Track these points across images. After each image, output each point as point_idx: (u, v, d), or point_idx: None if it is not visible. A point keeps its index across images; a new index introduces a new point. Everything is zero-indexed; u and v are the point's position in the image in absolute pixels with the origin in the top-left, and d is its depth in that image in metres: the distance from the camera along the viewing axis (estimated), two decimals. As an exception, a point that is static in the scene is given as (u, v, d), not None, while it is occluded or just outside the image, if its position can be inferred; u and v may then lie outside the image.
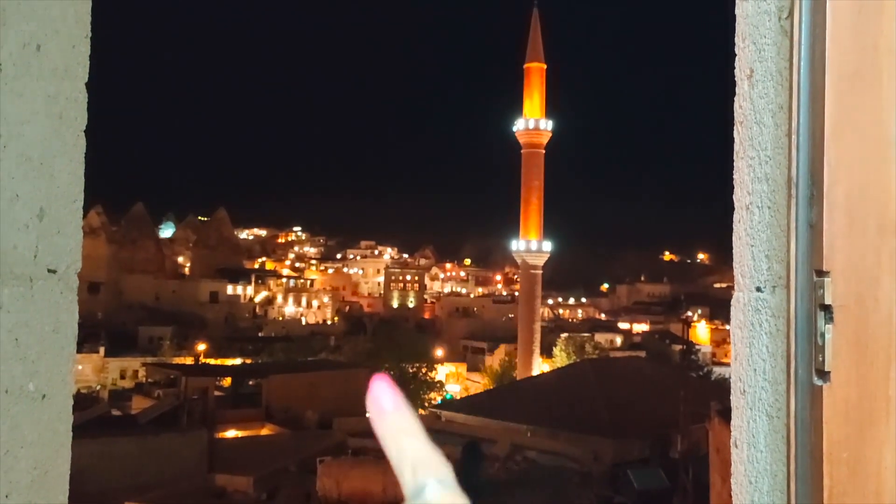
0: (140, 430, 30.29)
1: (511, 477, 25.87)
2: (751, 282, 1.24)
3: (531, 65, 64.33)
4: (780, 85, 1.20)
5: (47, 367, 1.34)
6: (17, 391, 1.29)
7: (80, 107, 1.41)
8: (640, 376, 38.52)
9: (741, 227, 1.27)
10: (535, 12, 63.51)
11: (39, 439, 1.33)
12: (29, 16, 1.30)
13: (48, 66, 1.33)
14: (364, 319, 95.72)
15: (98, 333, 71.44)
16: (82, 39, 1.41)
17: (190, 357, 65.89)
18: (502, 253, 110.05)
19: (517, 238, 64.39)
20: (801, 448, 1.08)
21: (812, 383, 1.06)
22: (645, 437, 28.03)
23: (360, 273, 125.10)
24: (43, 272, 1.33)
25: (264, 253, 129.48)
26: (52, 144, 1.35)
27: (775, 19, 1.20)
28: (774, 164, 1.21)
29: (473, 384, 67.61)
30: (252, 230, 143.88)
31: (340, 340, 78.20)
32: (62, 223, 1.38)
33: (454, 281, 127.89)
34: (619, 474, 25.40)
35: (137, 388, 51.85)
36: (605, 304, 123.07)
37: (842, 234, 1.04)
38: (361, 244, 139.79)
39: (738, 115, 1.30)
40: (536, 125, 63.56)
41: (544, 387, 39.64)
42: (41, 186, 1.33)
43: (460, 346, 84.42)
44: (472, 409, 37.33)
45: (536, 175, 63.93)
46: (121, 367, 68.93)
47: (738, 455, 1.26)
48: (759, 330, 1.21)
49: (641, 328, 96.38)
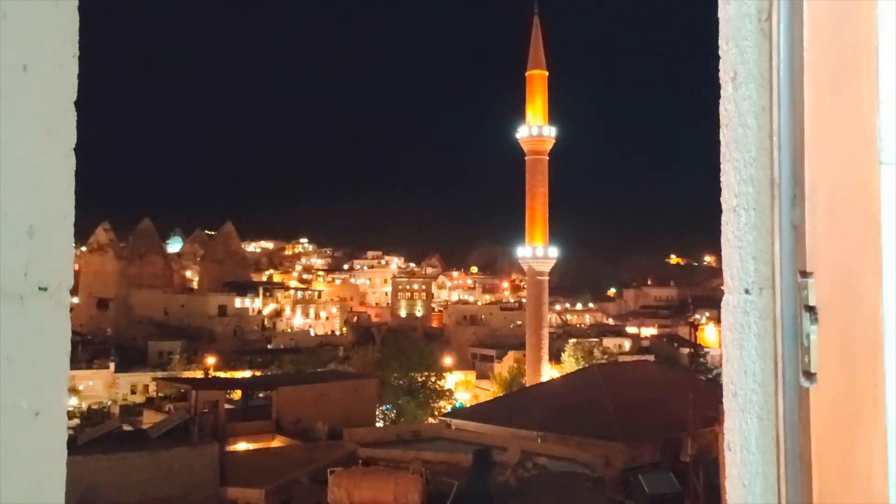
0: (151, 444, 30.31)
1: (522, 484, 25.78)
2: (739, 284, 1.24)
3: (533, 72, 64.43)
4: (763, 87, 1.20)
5: (40, 385, 1.35)
6: (10, 409, 1.29)
7: (68, 125, 1.42)
8: (649, 380, 38.39)
9: (729, 230, 1.27)
10: (536, 20, 63.70)
11: (34, 457, 1.34)
12: (14, 36, 1.31)
13: (35, 86, 1.34)
14: (372, 329, 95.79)
15: (108, 349, 71.75)
16: (70, 59, 1.42)
17: (200, 371, 66.03)
18: (509, 260, 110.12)
19: (523, 245, 64.37)
20: (791, 450, 1.08)
21: (799, 385, 1.06)
22: (655, 441, 27.92)
23: (368, 283, 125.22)
24: (34, 290, 1.34)
25: (271, 265, 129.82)
26: (41, 163, 1.36)
27: (755, 22, 1.20)
28: (759, 165, 1.21)
29: (483, 392, 67.50)
30: (259, 243, 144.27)
31: (349, 351, 78.28)
32: (53, 241, 1.38)
33: (461, 289, 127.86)
34: (630, 479, 25.32)
35: (148, 403, 51.97)
36: (613, 309, 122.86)
37: (825, 234, 1.04)
38: (368, 254, 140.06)
39: (724, 118, 1.30)
40: (540, 132, 63.64)
41: (553, 393, 39.56)
42: (31, 204, 1.34)
43: (469, 353, 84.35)
44: (482, 417, 37.24)
45: (541, 181, 63.95)
46: (131, 383, 69.10)
47: (732, 458, 1.26)
48: (748, 332, 1.21)
49: (649, 332, 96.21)
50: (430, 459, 28.47)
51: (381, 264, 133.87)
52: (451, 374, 70.09)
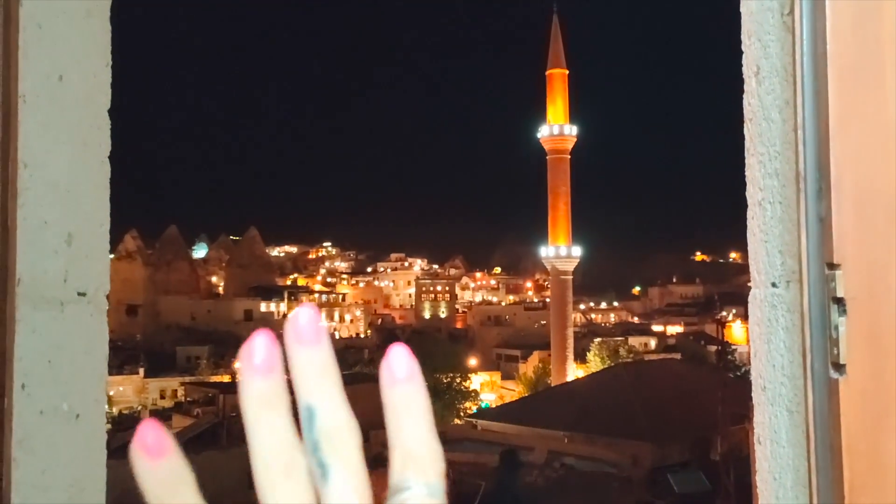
0: (181, 448, 30.57)
1: (550, 484, 25.70)
2: (766, 277, 1.24)
3: (553, 71, 64.24)
4: (786, 81, 1.20)
5: (80, 388, 1.39)
6: (52, 411, 1.33)
7: (103, 134, 1.46)
8: (676, 378, 38.11)
9: (755, 224, 1.28)
10: (555, 19, 63.50)
11: (75, 458, 1.37)
12: (50, 48, 1.35)
13: (70, 96, 1.38)
14: (397, 331, 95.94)
15: (137, 355, 72.52)
16: (103, 68, 1.46)
17: (227, 375, 66.51)
18: (532, 260, 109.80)
19: (546, 244, 64.15)
20: (821, 442, 1.08)
21: (828, 377, 1.06)
22: (684, 439, 27.69)
23: (391, 285, 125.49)
24: (73, 295, 1.38)
25: (296, 269, 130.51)
26: (77, 171, 1.40)
27: (778, 16, 1.21)
28: (783, 159, 1.21)
29: (508, 392, 67.35)
30: (283, 247, 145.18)
31: (374, 353, 78.41)
32: (90, 247, 1.42)
33: (485, 290, 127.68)
34: (659, 478, 25.11)
35: (177, 408, 52.50)
36: (638, 308, 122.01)
37: (851, 226, 1.04)
38: (391, 257, 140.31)
39: (748, 113, 1.30)
40: (561, 131, 63.40)
41: (580, 392, 39.37)
42: (68, 212, 1.38)
43: (493, 354, 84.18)
44: (508, 417, 37.16)
45: (563, 181, 63.72)
46: (160, 388, 69.83)
47: (762, 451, 1.26)
48: (776, 325, 1.21)
49: (675, 330, 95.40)
50: (457, 460, 28.45)
51: (404, 266, 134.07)
52: (476, 374, 70.01)
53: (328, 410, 0.38)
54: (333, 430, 0.38)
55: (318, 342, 0.39)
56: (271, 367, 0.38)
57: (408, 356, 0.39)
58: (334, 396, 0.39)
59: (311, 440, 0.38)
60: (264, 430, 0.38)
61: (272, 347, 0.38)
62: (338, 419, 0.38)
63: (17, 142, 1.29)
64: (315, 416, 0.38)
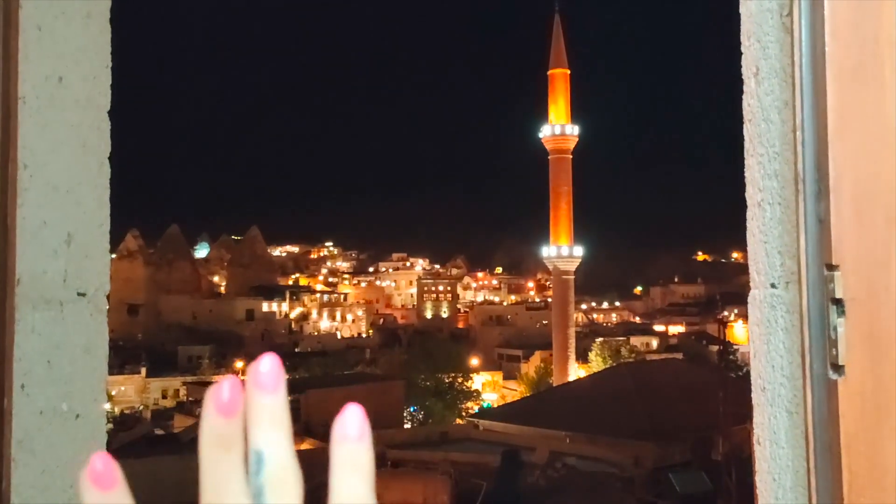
0: (183, 448, 30.62)
1: (551, 484, 25.70)
2: (765, 278, 1.24)
3: (555, 71, 64.24)
4: (785, 82, 1.20)
5: (80, 388, 1.39)
6: (52, 412, 1.33)
7: (103, 135, 1.46)
8: (678, 378, 38.10)
9: (754, 225, 1.28)
10: (557, 18, 63.49)
11: (75, 458, 1.37)
12: (50, 49, 1.35)
13: (70, 97, 1.38)
14: (398, 331, 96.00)
15: (139, 355, 72.59)
16: (103, 70, 1.46)
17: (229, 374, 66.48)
18: (534, 260, 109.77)
19: (548, 244, 64.16)
20: (820, 443, 1.08)
21: (827, 377, 1.06)
22: (686, 440, 27.68)
23: (393, 285, 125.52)
24: (73, 296, 1.38)
25: (297, 269, 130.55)
26: (77, 172, 1.40)
27: (777, 17, 1.21)
28: (783, 160, 1.21)
29: (510, 392, 67.37)
30: (285, 247, 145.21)
31: (376, 353, 78.52)
32: (90, 248, 1.42)
33: (487, 289, 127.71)
34: (661, 478, 25.11)
35: (179, 407, 52.62)
36: (640, 307, 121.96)
37: (850, 227, 1.04)
38: (393, 256, 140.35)
39: (747, 113, 1.31)
40: (563, 130, 63.40)
41: (581, 392, 39.40)
42: (68, 213, 1.38)
43: (495, 354, 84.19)
44: (510, 417, 37.20)
45: (565, 180, 63.73)
46: (162, 387, 69.91)
47: (761, 452, 1.26)
48: (776, 326, 1.21)
49: (677, 330, 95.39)
50: (459, 460, 28.46)
51: (406, 266, 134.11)
52: (478, 374, 70.01)
53: (276, 458, 0.40)
54: (278, 478, 0.40)
55: (276, 390, 0.41)
56: (234, 410, 0.40)
57: (361, 416, 0.42)
58: (283, 445, 0.41)
59: (256, 485, 0.40)
60: (217, 472, 0.40)
61: (238, 390, 0.40)
62: (284, 468, 0.40)
63: (16, 143, 1.29)
64: (263, 462, 0.40)
